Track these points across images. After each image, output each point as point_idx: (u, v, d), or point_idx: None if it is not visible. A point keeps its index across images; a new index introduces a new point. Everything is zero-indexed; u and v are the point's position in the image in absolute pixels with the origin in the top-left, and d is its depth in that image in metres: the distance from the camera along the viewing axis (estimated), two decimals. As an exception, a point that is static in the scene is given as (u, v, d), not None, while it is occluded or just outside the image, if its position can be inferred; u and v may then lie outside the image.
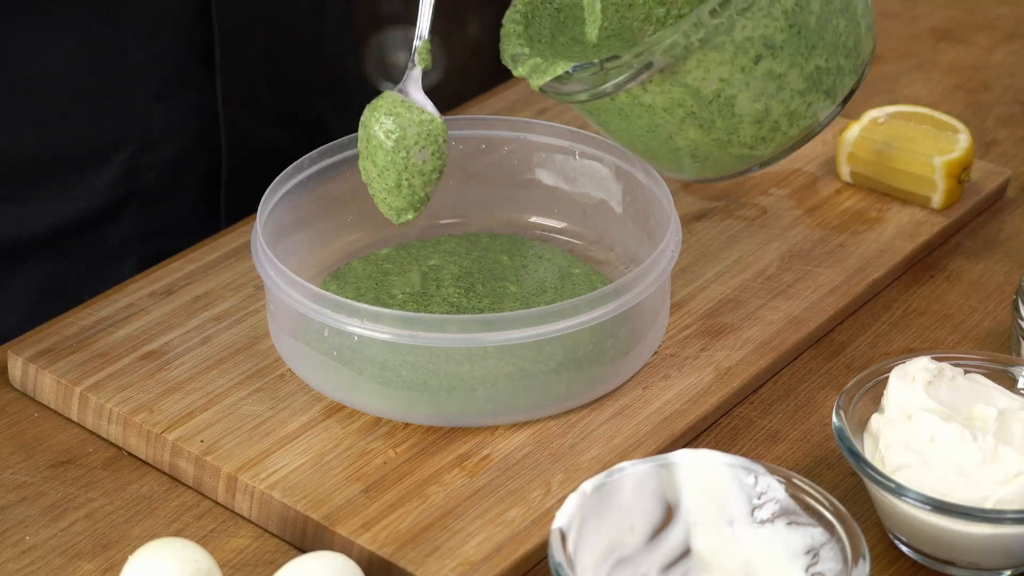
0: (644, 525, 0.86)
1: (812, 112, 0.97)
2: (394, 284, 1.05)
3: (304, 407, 0.99)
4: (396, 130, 0.96)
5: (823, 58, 0.95)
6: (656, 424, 0.97)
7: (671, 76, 0.93)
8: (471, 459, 0.95)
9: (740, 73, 0.93)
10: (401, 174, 0.97)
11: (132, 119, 1.18)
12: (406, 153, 0.96)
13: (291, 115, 1.28)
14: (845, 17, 0.96)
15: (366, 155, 0.98)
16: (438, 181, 0.98)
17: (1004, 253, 1.16)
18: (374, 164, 0.97)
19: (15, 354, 1.02)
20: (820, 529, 0.84)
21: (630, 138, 1.00)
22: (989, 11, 1.48)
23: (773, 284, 1.09)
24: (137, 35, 1.16)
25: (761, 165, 0.99)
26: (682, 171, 1.02)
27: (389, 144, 0.96)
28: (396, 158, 0.97)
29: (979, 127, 1.30)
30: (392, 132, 0.96)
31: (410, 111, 0.97)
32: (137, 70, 1.17)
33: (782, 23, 0.93)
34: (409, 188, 0.97)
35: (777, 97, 0.95)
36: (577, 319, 0.95)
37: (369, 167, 0.97)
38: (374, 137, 0.97)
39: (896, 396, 0.91)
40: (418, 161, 0.96)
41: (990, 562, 0.89)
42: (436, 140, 0.97)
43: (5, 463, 0.97)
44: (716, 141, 0.97)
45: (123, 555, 0.90)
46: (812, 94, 0.96)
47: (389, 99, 0.98)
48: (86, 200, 1.18)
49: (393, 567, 0.89)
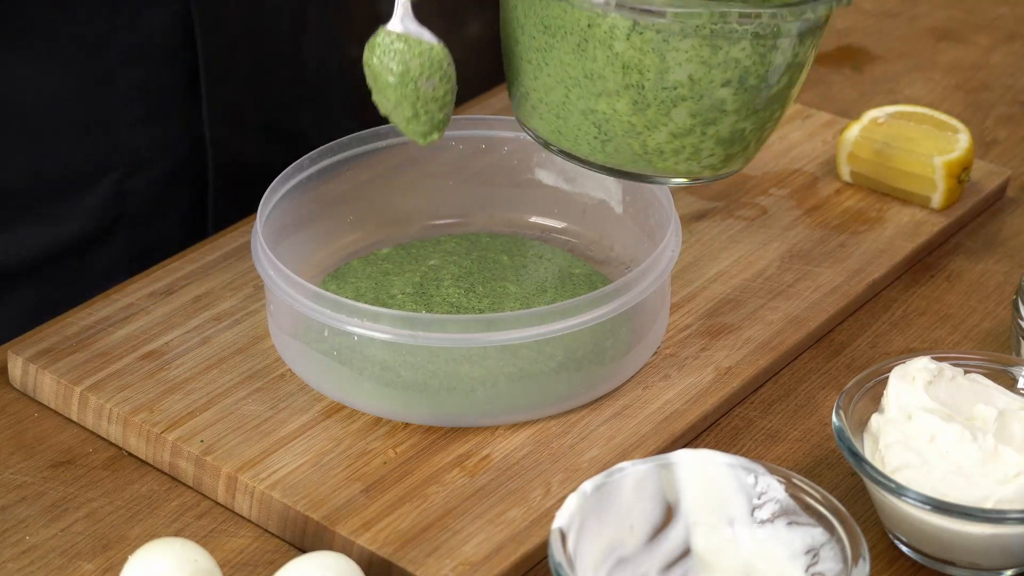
0: (644, 525, 0.86)
1: (704, 160, 0.98)
2: (393, 284, 1.05)
3: (304, 407, 0.99)
4: (399, 65, 0.96)
5: (750, 126, 0.97)
6: (656, 424, 0.97)
7: (662, 41, 0.93)
8: (471, 459, 0.95)
9: (705, 84, 0.94)
10: (415, 104, 0.97)
11: (119, 144, 1.18)
12: (415, 85, 0.96)
13: (276, 131, 1.28)
14: (779, 115, 0.99)
15: (377, 91, 0.98)
16: (453, 101, 0.98)
17: (1004, 253, 1.16)
18: (387, 99, 0.97)
19: (15, 354, 1.02)
20: (820, 529, 0.84)
21: (553, 81, 0.98)
22: (989, 11, 1.48)
23: (773, 284, 1.09)
24: (123, 61, 1.16)
25: (628, 176, 1.00)
26: (575, 142, 0.99)
27: (394, 80, 0.96)
28: (406, 91, 0.97)
29: (979, 127, 1.30)
30: (395, 69, 0.96)
31: (408, 44, 0.96)
32: (123, 95, 1.17)
33: (762, 71, 0.95)
34: (427, 114, 0.97)
35: (704, 127, 0.96)
36: (577, 319, 0.95)
37: (383, 102, 0.98)
38: (380, 76, 0.97)
39: (896, 396, 0.91)
40: (428, 89, 0.96)
41: (990, 562, 0.89)
42: (441, 66, 0.97)
43: (5, 463, 0.97)
44: (632, 125, 0.96)
45: (123, 555, 0.90)
46: (720, 147, 0.97)
47: (385, 36, 0.97)
48: (75, 225, 1.18)
49: (393, 567, 0.89)
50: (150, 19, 1.17)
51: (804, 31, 0.95)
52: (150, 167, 1.21)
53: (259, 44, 1.21)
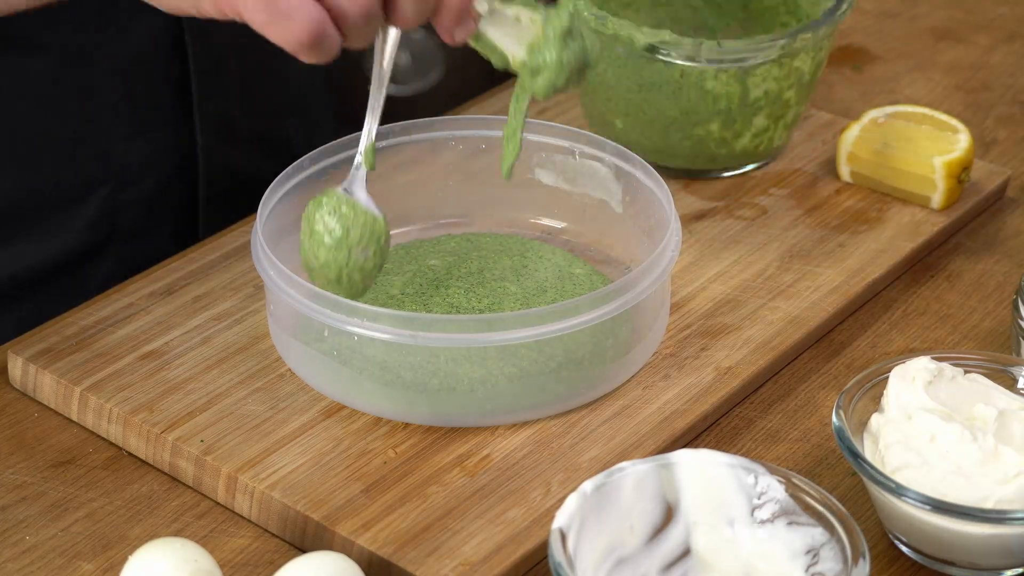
0: (644, 525, 0.86)
1: (776, 143, 1.21)
2: (393, 284, 1.04)
3: (304, 407, 0.99)
4: (339, 229, 0.96)
5: (804, 108, 1.22)
6: (656, 424, 0.97)
7: (743, 72, 1.14)
8: (471, 459, 0.95)
9: (776, 94, 1.17)
10: (342, 270, 0.96)
11: (109, 158, 1.17)
12: (348, 252, 0.96)
13: (266, 142, 1.28)
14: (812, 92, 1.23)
15: (311, 244, 0.97)
16: (376, 276, 0.98)
17: (1004, 253, 1.16)
18: (315, 257, 0.96)
19: (15, 354, 1.02)
20: (820, 529, 0.84)
21: (651, 124, 1.17)
22: (989, 11, 1.48)
23: (773, 284, 1.09)
24: (112, 74, 1.15)
25: (706, 172, 1.21)
26: (673, 159, 1.20)
27: (330, 241, 0.96)
28: (338, 256, 0.96)
29: (979, 127, 1.30)
30: (335, 231, 0.96)
31: (354, 210, 0.96)
32: (113, 109, 1.16)
33: (814, 68, 1.18)
34: (349, 282, 0.97)
35: (776, 121, 1.18)
36: (577, 319, 0.95)
37: (310, 258, 0.97)
38: (317, 234, 0.96)
39: (896, 396, 0.91)
40: (360, 259, 0.96)
41: (990, 562, 0.89)
42: (378, 240, 0.97)
43: (5, 463, 0.97)
44: (723, 139, 1.17)
45: (123, 555, 0.90)
46: (786, 130, 1.21)
47: (334, 197, 0.96)
48: (66, 241, 1.18)
49: (393, 567, 0.89)
50: (139, 31, 1.15)
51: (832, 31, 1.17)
52: (141, 181, 1.20)
53: (248, 54, 1.20)
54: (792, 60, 1.15)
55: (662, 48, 1.13)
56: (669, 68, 1.14)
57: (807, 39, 1.14)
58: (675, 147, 1.18)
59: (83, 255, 1.19)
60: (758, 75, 1.15)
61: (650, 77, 1.15)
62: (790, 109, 1.18)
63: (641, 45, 1.13)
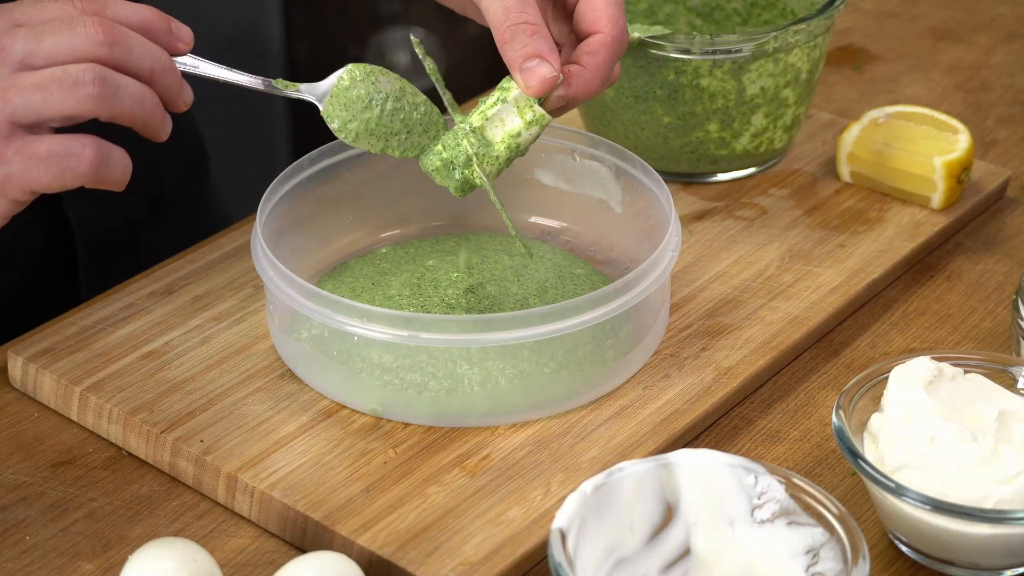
0: (644, 525, 0.86)
1: (776, 145, 1.22)
2: (391, 284, 1.04)
3: (304, 407, 0.99)
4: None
5: (803, 110, 1.21)
6: (656, 424, 0.97)
7: (738, 68, 1.14)
8: (471, 459, 0.95)
9: (773, 91, 1.16)
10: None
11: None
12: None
13: (132, 188, 1.24)
14: (812, 96, 1.23)
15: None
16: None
17: (1004, 253, 1.16)
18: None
19: (15, 354, 1.02)
20: (820, 529, 0.84)
21: (651, 134, 1.18)
22: (989, 11, 1.48)
23: (773, 284, 1.09)
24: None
25: (705, 174, 1.21)
26: (675, 165, 1.19)
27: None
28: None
29: (979, 127, 1.30)
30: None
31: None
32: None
33: (809, 66, 1.18)
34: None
35: (775, 121, 1.19)
36: (577, 319, 0.95)
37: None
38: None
39: (896, 396, 0.91)
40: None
41: (990, 562, 0.89)
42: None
43: (5, 463, 0.97)
44: (722, 139, 1.17)
45: (123, 555, 0.90)
46: (786, 132, 1.21)
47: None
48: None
49: (393, 567, 0.89)
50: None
51: (829, 26, 1.17)
52: (14, 261, 1.17)
53: None
54: (787, 56, 1.15)
55: (656, 43, 1.13)
56: (663, 70, 1.14)
57: (800, 31, 1.14)
58: (675, 153, 1.18)
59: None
60: (753, 71, 1.14)
61: (645, 86, 1.15)
62: (788, 109, 1.18)
63: (634, 40, 1.13)
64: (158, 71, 0.91)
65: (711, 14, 1.27)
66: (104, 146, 0.89)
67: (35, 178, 0.89)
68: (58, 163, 0.88)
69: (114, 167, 0.90)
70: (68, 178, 0.89)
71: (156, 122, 0.92)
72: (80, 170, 0.89)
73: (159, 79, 0.92)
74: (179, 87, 0.93)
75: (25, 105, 0.88)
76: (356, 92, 0.98)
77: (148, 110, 0.91)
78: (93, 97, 0.88)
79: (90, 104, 0.88)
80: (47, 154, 0.88)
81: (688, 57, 1.13)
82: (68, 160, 0.88)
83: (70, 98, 0.88)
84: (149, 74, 0.91)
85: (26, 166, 0.88)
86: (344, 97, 0.98)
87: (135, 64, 0.91)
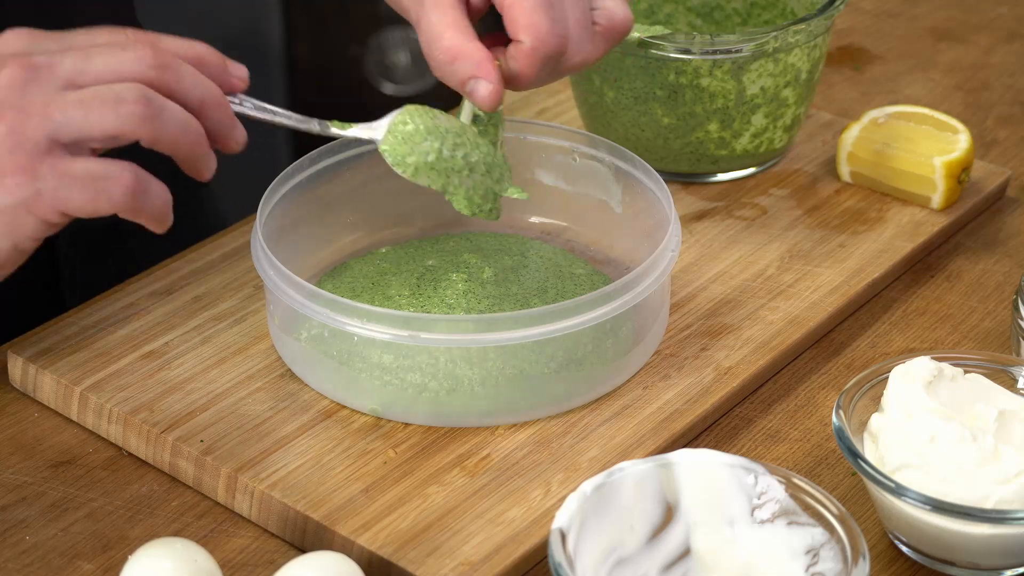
0: (644, 525, 0.86)
1: (776, 144, 1.22)
2: (391, 284, 1.04)
3: (304, 407, 0.99)
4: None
5: (803, 110, 1.21)
6: (656, 424, 0.97)
7: (738, 68, 1.14)
8: (471, 459, 0.95)
9: (773, 90, 1.17)
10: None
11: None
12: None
13: None
14: (813, 96, 1.23)
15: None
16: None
17: (1004, 253, 1.16)
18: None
19: (15, 354, 1.02)
20: (820, 529, 0.84)
21: (651, 135, 1.18)
22: (989, 11, 1.48)
23: (773, 284, 1.09)
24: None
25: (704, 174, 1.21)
26: (675, 165, 1.20)
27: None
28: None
29: (979, 127, 1.30)
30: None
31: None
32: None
33: (810, 66, 1.18)
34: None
35: (775, 121, 1.19)
36: (577, 319, 0.95)
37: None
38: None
39: (896, 396, 0.91)
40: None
41: (990, 562, 0.89)
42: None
43: (5, 463, 0.97)
44: (723, 139, 1.17)
45: (123, 555, 0.90)
46: (786, 133, 1.22)
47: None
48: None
49: (393, 567, 0.89)
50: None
51: (829, 26, 1.17)
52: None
53: None
54: (787, 56, 1.15)
55: (656, 43, 1.13)
56: (663, 70, 1.14)
57: (800, 31, 1.14)
58: (675, 153, 1.18)
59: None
60: (753, 71, 1.15)
61: (645, 86, 1.15)
62: (788, 109, 1.18)
63: (634, 40, 1.13)
64: (208, 103, 0.89)
65: (711, 14, 1.27)
66: (143, 175, 0.86)
67: (67, 197, 0.85)
68: (93, 184, 0.85)
69: (152, 199, 0.87)
70: (102, 202, 0.86)
71: (200, 155, 0.89)
72: (115, 194, 0.86)
73: (209, 112, 0.89)
74: (230, 124, 0.91)
75: (67, 122, 0.85)
76: (414, 127, 0.97)
77: (193, 140, 0.88)
78: (136, 116, 0.85)
79: (133, 123, 0.85)
80: (83, 174, 0.85)
81: (688, 57, 1.13)
82: (104, 183, 0.85)
83: (112, 115, 0.85)
84: (199, 104, 0.89)
85: (60, 184, 0.85)
86: (401, 132, 0.97)
87: (185, 92, 0.88)
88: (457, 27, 0.96)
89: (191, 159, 0.89)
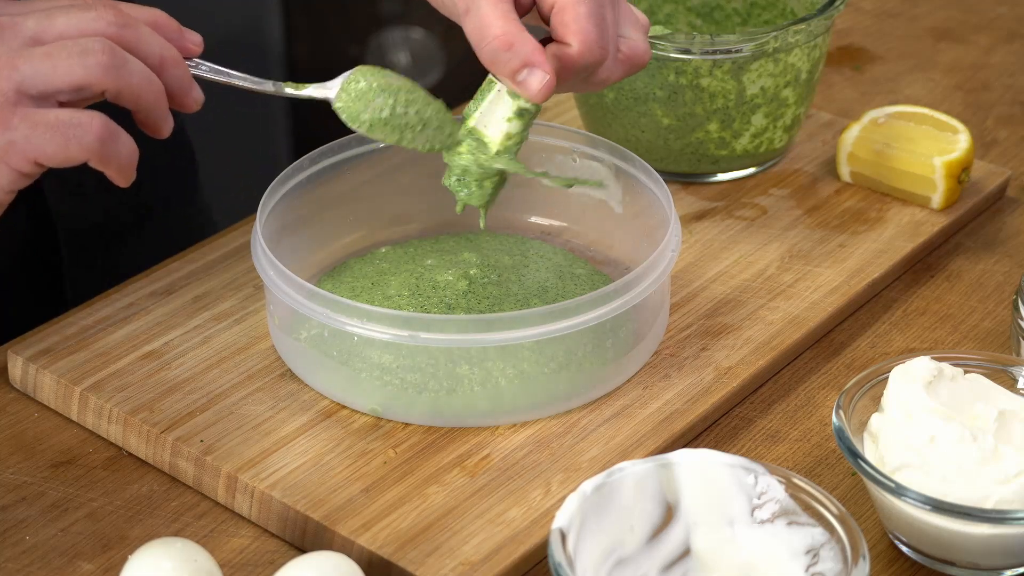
0: (644, 525, 0.86)
1: (776, 144, 1.21)
2: (390, 284, 1.04)
3: (304, 407, 0.99)
4: None
5: (803, 110, 1.22)
6: (656, 424, 0.97)
7: (738, 68, 1.14)
8: (471, 459, 0.95)
9: (773, 90, 1.17)
10: None
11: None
12: None
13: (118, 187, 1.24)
14: (813, 96, 1.23)
15: None
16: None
17: (1004, 253, 1.16)
18: None
19: (15, 354, 1.02)
20: (820, 529, 0.84)
21: (651, 136, 1.18)
22: (989, 11, 1.48)
23: (773, 284, 1.09)
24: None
25: (704, 174, 1.22)
26: (676, 165, 1.20)
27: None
28: None
29: (979, 127, 1.30)
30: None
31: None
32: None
33: (810, 66, 1.19)
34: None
35: (775, 121, 1.19)
36: (577, 319, 0.95)
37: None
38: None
39: (896, 396, 0.91)
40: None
41: (990, 562, 0.89)
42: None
43: (5, 463, 0.97)
44: (723, 139, 1.18)
45: (123, 555, 0.90)
46: (785, 133, 1.21)
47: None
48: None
49: (393, 567, 0.89)
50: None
51: (829, 27, 1.18)
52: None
53: None
54: (787, 56, 1.15)
55: (656, 43, 1.13)
56: (663, 70, 1.14)
57: (800, 31, 1.14)
58: (675, 154, 1.18)
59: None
60: (753, 71, 1.15)
61: (645, 87, 1.15)
62: (788, 109, 1.18)
63: None
64: (168, 61, 0.91)
65: (711, 14, 1.27)
66: (112, 124, 0.88)
67: (39, 146, 0.87)
68: (64, 131, 0.87)
69: (120, 147, 0.89)
70: (74, 148, 0.88)
71: (160, 111, 0.91)
72: (86, 141, 0.88)
73: (168, 70, 0.91)
74: (188, 83, 0.93)
75: (34, 73, 0.87)
76: (366, 85, 0.97)
77: (155, 94, 0.90)
78: (102, 66, 0.88)
79: (99, 73, 0.88)
80: (54, 122, 0.87)
81: (688, 57, 1.13)
82: (75, 129, 0.87)
83: (79, 66, 0.87)
84: (159, 61, 0.91)
85: (32, 132, 0.87)
86: (355, 90, 0.97)
87: (145, 49, 0.90)
88: (508, 18, 0.96)
89: (152, 113, 0.91)
